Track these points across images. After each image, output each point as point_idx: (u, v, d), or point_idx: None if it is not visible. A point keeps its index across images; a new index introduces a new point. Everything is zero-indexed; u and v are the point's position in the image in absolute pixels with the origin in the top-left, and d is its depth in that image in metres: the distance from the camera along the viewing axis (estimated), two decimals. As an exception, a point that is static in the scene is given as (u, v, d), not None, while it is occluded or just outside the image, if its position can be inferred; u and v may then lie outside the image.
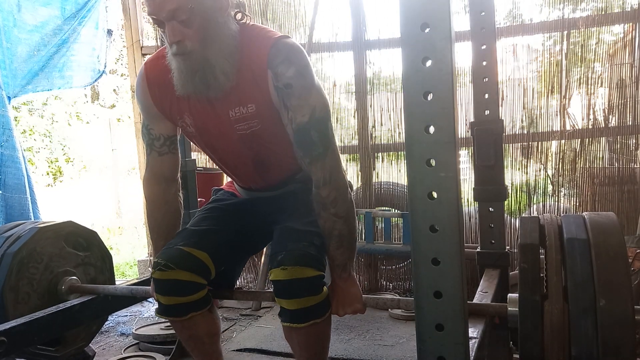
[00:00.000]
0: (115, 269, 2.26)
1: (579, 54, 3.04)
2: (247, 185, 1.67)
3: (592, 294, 1.02)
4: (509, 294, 1.27)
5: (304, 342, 1.47)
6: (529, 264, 1.11)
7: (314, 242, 1.43)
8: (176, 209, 1.65)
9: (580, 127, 3.06)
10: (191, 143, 2.15)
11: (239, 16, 1.42)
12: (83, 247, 2.11)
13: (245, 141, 1.48)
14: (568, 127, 3.07)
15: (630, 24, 2.96)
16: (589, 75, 3.02)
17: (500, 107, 2.10)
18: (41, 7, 3.02)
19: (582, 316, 1.02)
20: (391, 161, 3.48)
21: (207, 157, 1.63)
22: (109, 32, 3.37)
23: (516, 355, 2.04)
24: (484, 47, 1.93)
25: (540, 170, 3.15)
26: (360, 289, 1.51)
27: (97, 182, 8.15)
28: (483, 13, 1.92)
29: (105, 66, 3.39)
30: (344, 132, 3.60)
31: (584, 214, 1.18)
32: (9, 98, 2.99)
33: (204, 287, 1.50)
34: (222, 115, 1.44)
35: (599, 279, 1.02)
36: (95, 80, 3.42)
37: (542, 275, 1.15)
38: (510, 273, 2.08)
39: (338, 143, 3.55)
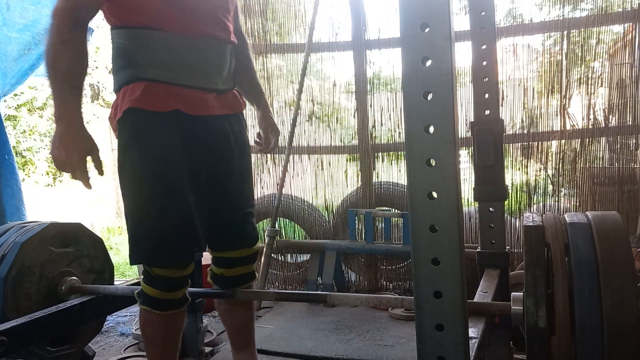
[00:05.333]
0: (115, 268, 2.26)
1: (579, 54, 3.04)
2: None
3: (599, 306, 1.02)
4: (513, 293, 1.26)
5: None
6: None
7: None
8: (86, 52, 1.48)
9: (580, 127, 3.06)
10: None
11: None
12: (72, 241, 2.07)
13: None
14: (568, 127, 3.07)
15: (630, 23, 2.96)
16: (589, 75, 3.02)
17: (500, 107, 2.10)
18: (30, 6, 2.97)
19: (589, 319, 1.01)
20: (391, 161, 3.47)
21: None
22: (90, 30, 3.34)
23: (516, 355, 2.05)
24: (484, 47, 1.93)
25: (540, 170, 3.15)
26: None
27: (97, 182, 8.14)
28: (483, 13, 1.92)
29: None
30: (344, 132, 3.60)
31: (588, 213, 1.16)
32: (-2, 97, 2.98)
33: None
34: None
35: (604, 287, 1.01)
36: None
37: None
38: (511, 273, 2.08)
39: (338, 143, 3.58)
